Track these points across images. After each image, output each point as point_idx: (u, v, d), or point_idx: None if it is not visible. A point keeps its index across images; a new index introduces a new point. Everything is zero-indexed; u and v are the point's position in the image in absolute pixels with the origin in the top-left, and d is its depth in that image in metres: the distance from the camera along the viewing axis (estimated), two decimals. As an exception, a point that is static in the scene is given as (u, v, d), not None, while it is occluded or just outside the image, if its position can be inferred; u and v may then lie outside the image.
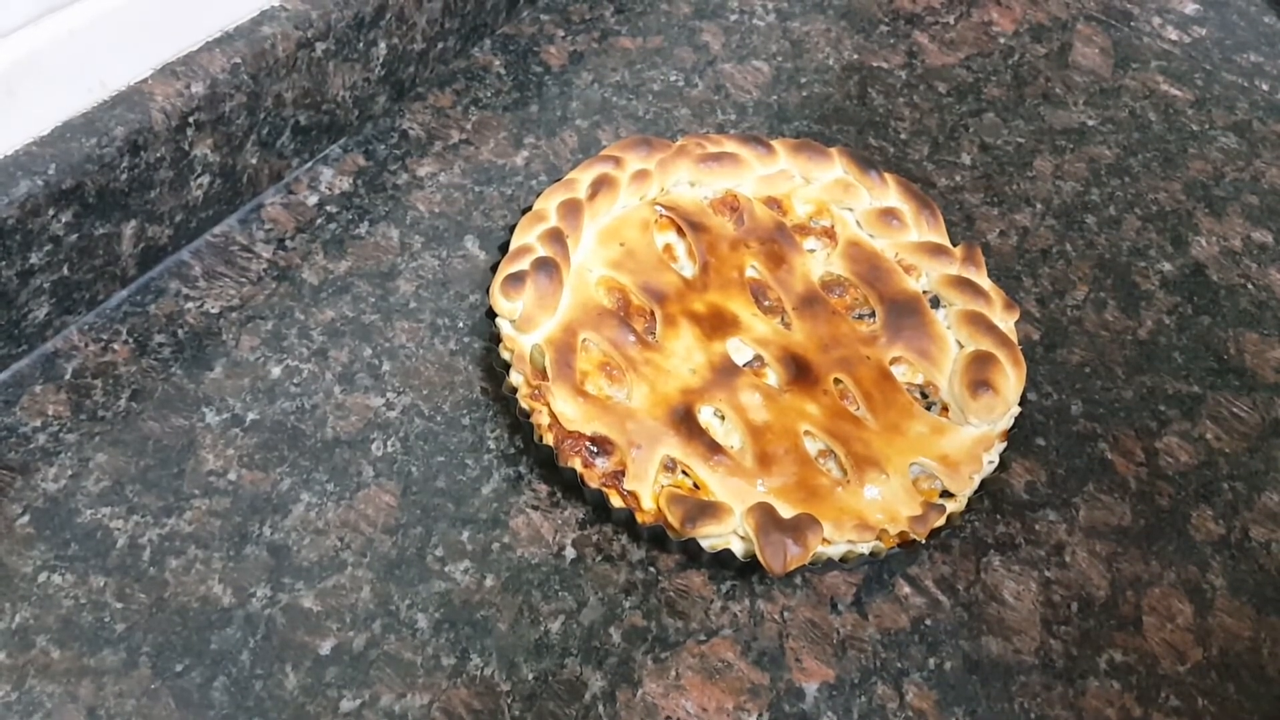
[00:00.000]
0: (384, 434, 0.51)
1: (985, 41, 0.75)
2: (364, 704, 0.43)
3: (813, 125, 0.68)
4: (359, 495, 0.49)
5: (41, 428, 0.49)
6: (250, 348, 0.53)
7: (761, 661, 0.46)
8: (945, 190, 0.65)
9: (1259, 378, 0.58)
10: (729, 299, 0.54)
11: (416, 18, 0.62)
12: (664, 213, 0.57)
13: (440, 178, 0.62)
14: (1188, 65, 0.75)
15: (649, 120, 0.66)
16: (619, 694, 0.44)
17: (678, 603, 0.47)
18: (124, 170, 0.50)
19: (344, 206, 0.60)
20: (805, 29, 0.74)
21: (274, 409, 0.51)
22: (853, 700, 0.45)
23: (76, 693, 0.42)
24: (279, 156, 0.59)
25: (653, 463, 0.48)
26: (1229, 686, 0.47)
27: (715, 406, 0.50)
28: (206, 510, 0.48)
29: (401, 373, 0.53)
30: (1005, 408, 0.51)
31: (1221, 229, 0.65)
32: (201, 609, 0.45)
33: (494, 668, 0.44)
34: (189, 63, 0.53)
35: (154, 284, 0.55)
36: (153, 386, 0.51)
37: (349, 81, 0.60)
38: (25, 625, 0.44)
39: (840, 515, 0.47)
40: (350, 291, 0.56)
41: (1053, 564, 0.50)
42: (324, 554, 0.47)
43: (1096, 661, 0.47)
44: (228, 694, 0.43)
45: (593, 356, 0.51)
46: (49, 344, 0.52)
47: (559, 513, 0.49)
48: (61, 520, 0.47)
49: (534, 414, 0.49)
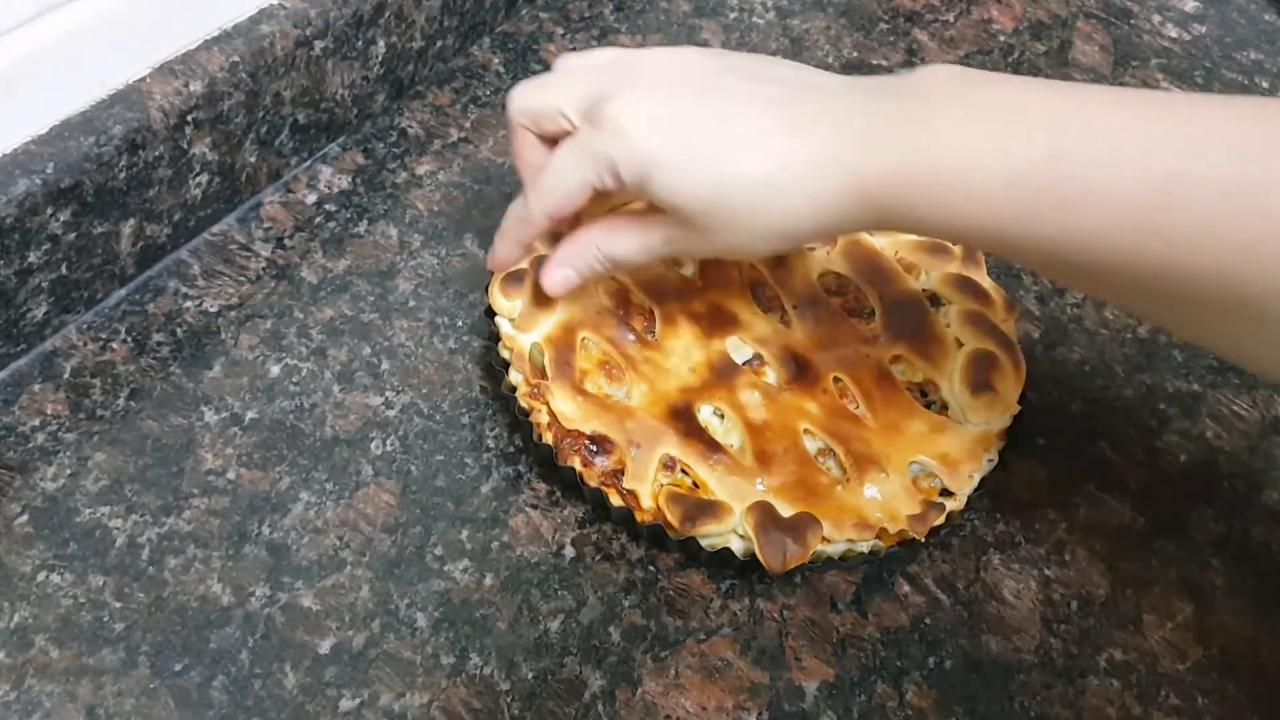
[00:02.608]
0: (383, 433, 0.51)
1: (985, 39, 0.75)
2: (363, 703, 0.43)
3: (812, 123, 0.68)
4: (358, 494, 0.49)
5: (40, 427, 0.49)
6: (249, 346, 0.53)
7: (761, 660, 0.46)
8: (945, 188, 0.65)
9: (1259, 376, 0.58)
10: (728, 297, 0.54)
11: (415, 16, 0.62)
12: (663, 211, 0.57)
13: (439, 176, 0.62)
14: (1187, 63, 0.75)
15: (648, 118, 0.66)
16: (618, 693, 0.44)
17: (677, 602, 0.47)
18: (122, 169, 0.50)
19: (343, 205, 0.60)
20: (805, 26, 0.74)
21: (273, 408, 0.51)
22: (852, 699, 0.45)
23: (75, 692, 0.42)
24: (278, 155, 0.59)
25: (652, 461, 0.48)
26: (1229, 685, 0.47)
27: (714, 405, 0.50)
28: (205, 509, 0.48)
29: (401, 371, 0.53)
30: (1005, 407, 0.51)
31: (1221, 227, 0.65)
32: (200, 608, 0.45)
33: (493, 667, 0.44)
34: (187, 61, 0.53)
35: (153, 283, 0.55)
36: (151, 385, 0.51)
37: (348, 80, 0.60)
38: (24, 624, 0.44)
39: (840, 514, 0.47)
40: (349, 290, 0.56)
41: (1053, 562, 0.50)
42: (323, 553, 0.47)
43: (1096, 660, 0.47)
44: (227, 693, 0.43)
45: (592, 355, 0.51)
46: (47, 343, 0.52)
47: (558, 512, 0.49)
48: (60, 519, 0.47)
49: (533, 413, 0.49)
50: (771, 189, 0.42)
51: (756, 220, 0.43)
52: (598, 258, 0.47)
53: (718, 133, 0.42)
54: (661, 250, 0.46)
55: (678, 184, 0.43)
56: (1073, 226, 0.38)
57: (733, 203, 0.42)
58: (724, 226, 0.43)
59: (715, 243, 0.44)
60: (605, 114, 0.43)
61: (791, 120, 0.42)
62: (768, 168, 0.42)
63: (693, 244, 0.45)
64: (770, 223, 0.43)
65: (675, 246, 0.45)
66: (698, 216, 0.43)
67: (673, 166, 0.42)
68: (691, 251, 0.50)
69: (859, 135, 0.41)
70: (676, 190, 0.43)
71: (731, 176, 0.42)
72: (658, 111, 0.43)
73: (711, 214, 0.43)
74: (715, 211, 0.43)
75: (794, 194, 0.42)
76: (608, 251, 0.47)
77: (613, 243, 0.47)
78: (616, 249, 0.46)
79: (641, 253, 0.46)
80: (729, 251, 0.46)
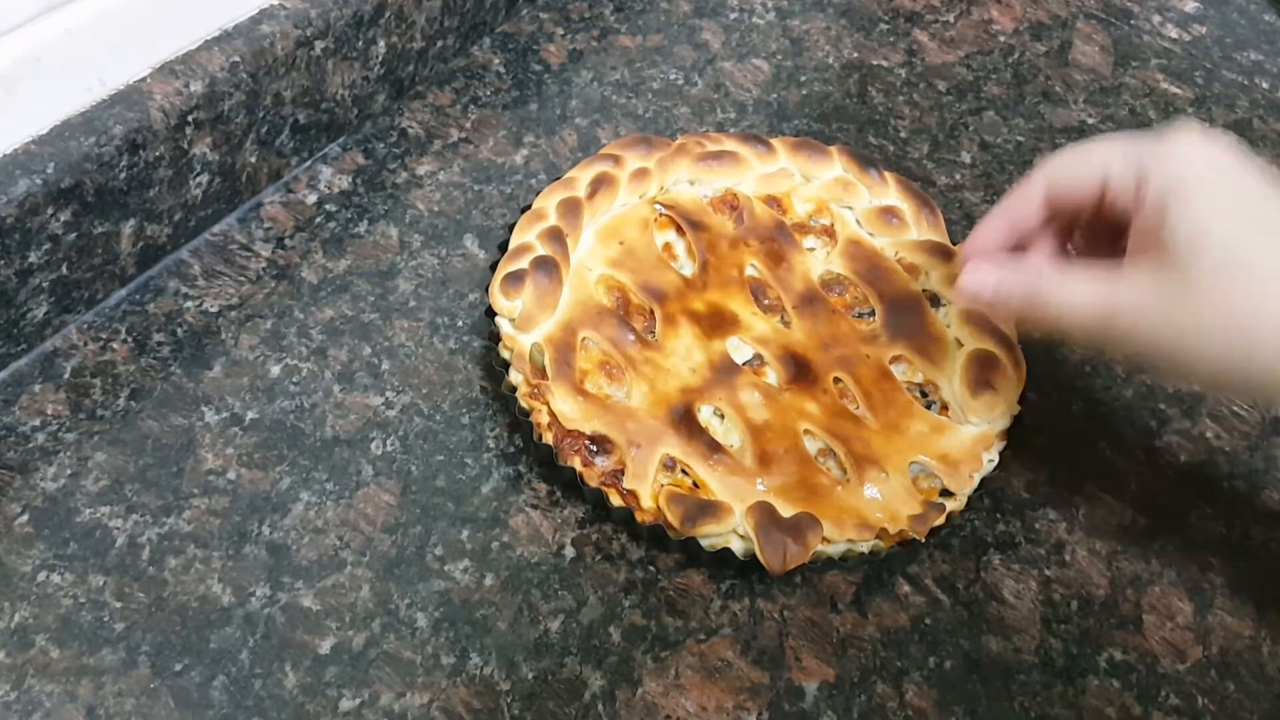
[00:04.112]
0: (383, 433, 0.51)
1: (985, 40, 0.75)
2: (363, 703, 0.43)
3: (812, 124, 0.68)
4: (358, 494, 0.49)
5: (40, 427, 0.49)
6: (249, 347, 0.53)
7: (761, 660, 0.46)
8: (945, 189, 0.65)
9: (1259, 376, 0.58)
10: (728, 298, 0.54)
11: (415, 16, 0.62)
12: (663, 211, 0.57)
13: (439, 176, 0.62)
14: (1188, 63, 0.75)
15: (648, 119, 0.66)
16: (618, 693, 0.44)
17: (677, 602, 0.47)
18: (123, 169, 0.50)
19: (343, 205, 0.60)
20: (805, 27, 0.74)
21: (273, 408, 0.51)
22: (852, 699, 0.45)
23: (75, 692, 0.42)
24: (278, 155, 0.59)
25: (652, 462, 0.48)
26: (1229, 685, 0.47)
27: (715, 405, 0.50)
28: (206, 509, 0.48)
29: (401, 371, 0.53)
30: (1005, 407, 0.51)
31: (1221, 227, 0.65)
32: (201, 608, 0.45)
33: (493, 667, 0.44)
34: (188, 61, 0.53)
35: (153, 283, 0.55)
36: (152, 385, 0.51)
37: (348, 80, 0.60)
38: (24, 624, 0.44)
39: (840, 514, 0.47)
40: (349, 290, 0.56)
41: (1053, 563, 0.50)
42: (323, 553, 0.47)
43: (1096, 660, 0.47)
44: (227, 693, 0.43)
45: (592, 355, 0.51)
46: (48, 343, 0.52)
47: (558, 512, 0.49)
48: (60, 519, 0.47)
49: (533, 413, 0.49)
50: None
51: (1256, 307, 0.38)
52: (1033, 292, 0.42)
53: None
54: (1117, 312, 0.40)
55: (1204, 217, 0.38)
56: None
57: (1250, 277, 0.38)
58: (1210, 302, 0.38)
59: (1183, 322, 0.39)
60: (1171, 135, 0.40)
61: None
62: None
63: (1155, 316, 0.39)
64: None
65: (1134, 315, 0.40)
66: (1196, 261, 0.38)
67: (1209, 203, 0.38)
68: (1145, 328, 0.41)
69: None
70: (1199, 225, 0.38)
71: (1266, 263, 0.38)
72: (1225, 165, 0.39)
73: (1217, 274, 0.38)
74: (1223, 272, 0.38)
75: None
76: (1050, 291, 0.41)
77: (1062, 285, 0.41)
78: (1063, 293, 0.41)
79: (1092, 309, 0.41)
80: (1191, 352, 0.40)
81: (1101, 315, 0.41)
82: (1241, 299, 0.38)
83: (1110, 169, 0.41)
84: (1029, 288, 0.42)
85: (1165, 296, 0.39)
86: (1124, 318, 0.41)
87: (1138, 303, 0.40)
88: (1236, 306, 0.38)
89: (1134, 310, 0.40)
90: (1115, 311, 0.41)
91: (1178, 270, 0.39)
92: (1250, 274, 0.38)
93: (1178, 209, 0.39)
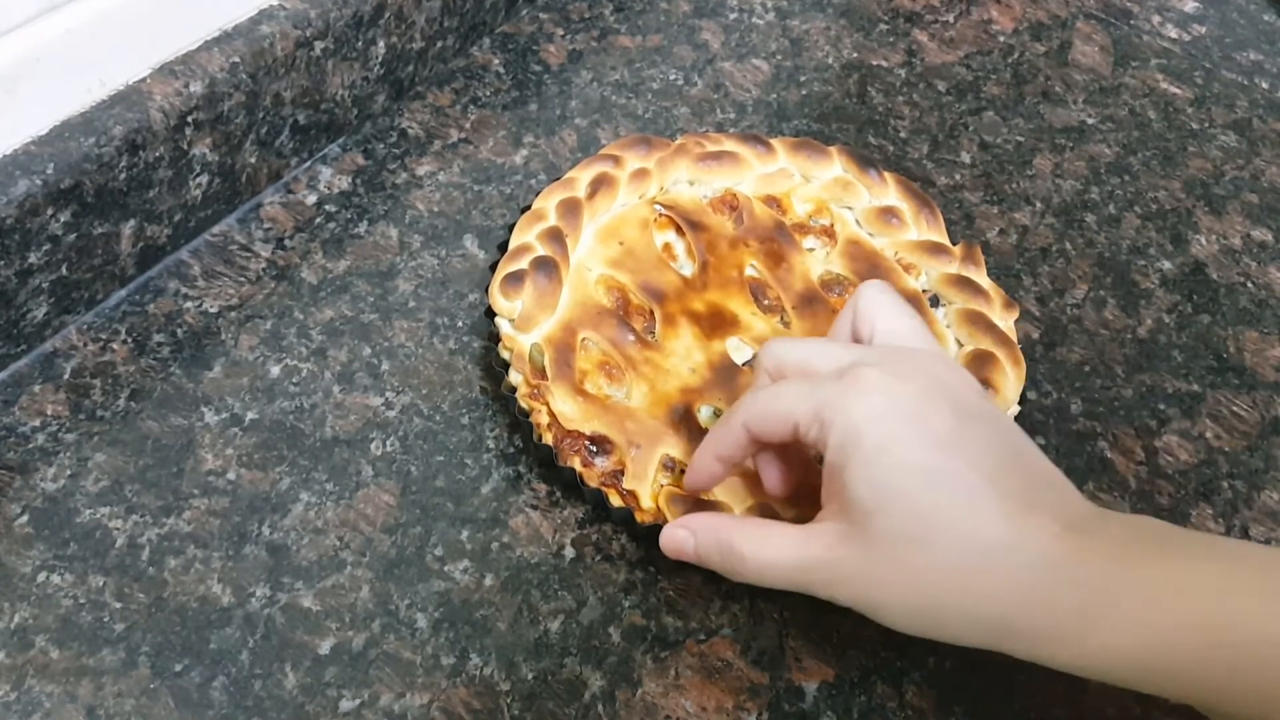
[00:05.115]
0: (383, 433, 0.51)
1: (985, 40, 0.75)
2: (363, 704, 0.43)
3: (812, 124, 0.68)
4: (358, 495, 0.49)
5: (40, 427, 0.49)
6: (249, 347, 0.53)
7: (761, 661, 0.46)
8: (945, 189, 0.65)
9: (1259, 376, 0.58)
10: (728, 298, 0.54)
11: (415, 16, 0.62)
12: (663, 211, 0.57)
13: (439, 177, 0.62)
14: (1187, 63, 0.75)
15: (648, 119, 0.66)
16: (618, 693, 0.44)
17: (677, 602, 0.47)
18: (122, 169, 0.50)
19: (343, 206, 0.60)
20: (805, 27, 0.74)
21: (273, 408, 0.51)
22: (852, 699, 0.45)
23: (75, 692, 0.42)
24: (278, 156, 0.59)
25: (652, 462, 0.48)
26: (1229, 685, 0.47)
27: (715, 406, 0.50)
28: (205, 510, 0.48)
29: (400, 372, 0.53)
30: (1005, 406, 0.51)
31: (1221, 227, 0.65)
32: (200, 609, 0.45)
33: (493, 667, 0.44)
34: (187, 62, 0.53)
35: (153, 283, 0.55)
36: (151, 386, 0.51)
37: (348, 80, 0.60)
38: (24, 625, 0.44)
39: (840, 514, 0.47)
40: (349, 291, 0.56)
41: (1052, 563, 0.50)
42: (323, 553, 0.47)
43: (1096, 660, 0.47)
44: (227, 694, 0.43)
45: (592, 355, 0.51)
46: (48, 344, 0.52)
47: (558, 512, 0.49)
48: (60, 520, 0.47)
49: (533, 413, 0.49)
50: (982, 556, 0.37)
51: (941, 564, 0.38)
52: (727, 552, 0.42)
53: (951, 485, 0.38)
54: (810, 568, 0.40)
55: (879, 473, 0.38)
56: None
57: (929, 536, 0.38)
58: (890, 562, 0.38)
59: (873, 576, 0.39)
60: (859, 373, 0.39)
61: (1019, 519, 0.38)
62: (984, 540, 0.37)
63: (847, 572, 0.40)
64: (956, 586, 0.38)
65: (828, 572, 0.40)
66: (874, 519, 0.38)
67: (886, 458, 0.38)
68: (839, 585, 0.41)
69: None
70: (876, 481, 0.38)
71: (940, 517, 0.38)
72: (908, 409, 0.39)
73: (894, 533, 0.38)
74: (899, 529, 0.38)
75: (995, 575, 0.37)
76: (746, 549, 0.42)
77: (760, 544, 0.41)
78: (762, 552, 0.41)
79: (787, 568, 0.41)
80: (886, 607, 0.40)
81: (797, 571, 0.41)
82: (922, 558, 0.38)
83: (797, 418, 0.40)
84: (724, 547, 0.42)
85: (851, 553, 0.39)
86: (819, 573, 0.40)
87: (828, 559, 0.40)
88: (917, 565, 0.38)
89: (827, 567, 0.40)
90: (808, 567, 0.40)
91: (858, 526, 0.39)
92: (928, 530, 0.38)
93: (853, 465, 0.38)
